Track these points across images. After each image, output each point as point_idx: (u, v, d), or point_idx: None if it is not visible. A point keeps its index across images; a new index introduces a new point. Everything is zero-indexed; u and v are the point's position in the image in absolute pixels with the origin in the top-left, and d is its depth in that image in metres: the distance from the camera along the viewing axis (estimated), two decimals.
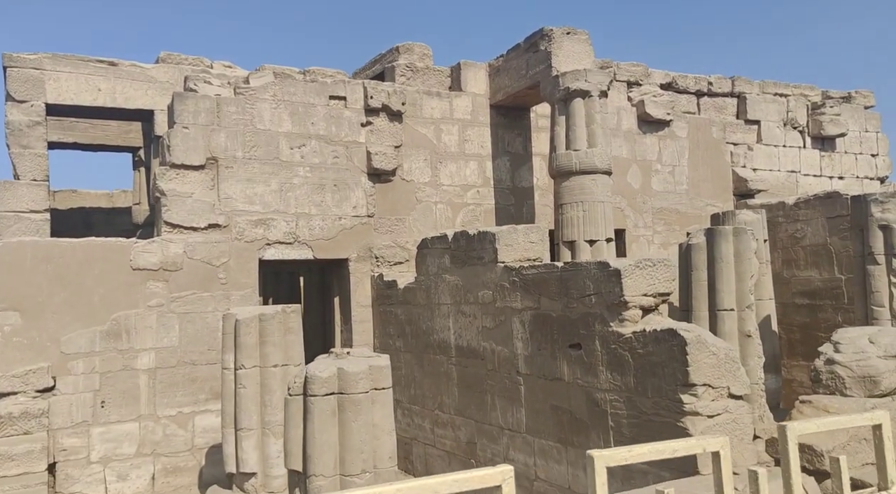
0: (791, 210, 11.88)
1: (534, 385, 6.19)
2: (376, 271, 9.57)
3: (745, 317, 6.76)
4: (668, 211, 12.25)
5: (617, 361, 5.22)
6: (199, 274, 8.44)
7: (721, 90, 13.36)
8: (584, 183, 8.91)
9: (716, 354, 4.67)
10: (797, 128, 14.10)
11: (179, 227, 8.41)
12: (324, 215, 9.32)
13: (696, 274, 6.98)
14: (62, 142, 11.94)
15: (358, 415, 4.74)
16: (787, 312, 12.02)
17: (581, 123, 8.98)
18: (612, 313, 5.27)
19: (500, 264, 6.65)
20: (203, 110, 8.61)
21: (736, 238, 6.89)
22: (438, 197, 10.27)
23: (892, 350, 4.67)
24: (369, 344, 9.53)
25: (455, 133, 10.46)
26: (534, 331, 6.17)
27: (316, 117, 9.36)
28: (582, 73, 8.96)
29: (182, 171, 8.47)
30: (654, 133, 12.20)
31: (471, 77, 10.66)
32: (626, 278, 5.14)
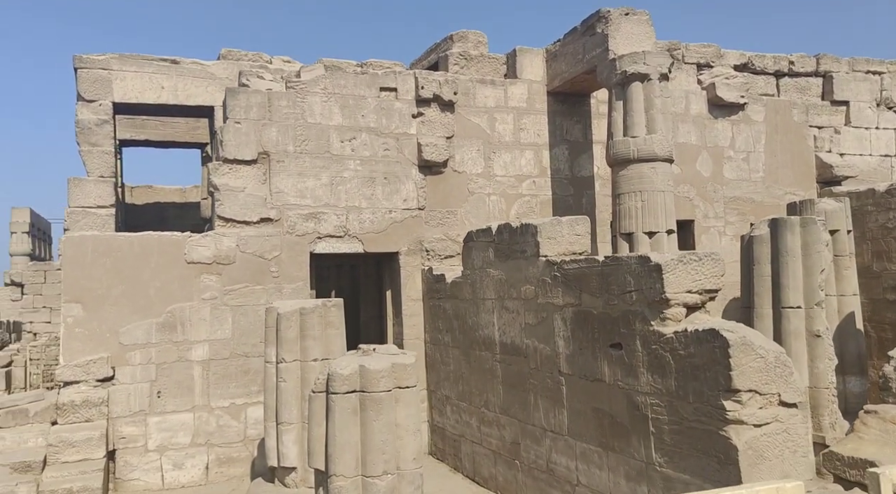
0: (882, 197, 10.89)
1: (575, 385, 5.88)
2: (427, 264, 9.44)
3: (814, 315, 6.17)
4: (742, 200, 11.49)
5: (658, 363, 4.85)
6: (251, 267, 8.56)
7: (804, 69, 12.40)
8: (643, 171, 8.43)
9: (764, 357, 4.24)
10: (892, 108, 12.92)
11: (232, 221, 8.55)
12: (374, 208, 9.25)
13: (758, 268, 6.44)
14: (134, 139, 12.44)
15: (379, 414, 4.61)
16: (878, 309, 11.05)
17: (639, 108, 8.50)
18: (654, 311, 4.90)
19: (542, 258, 6.36)
20: (255, 105, 8.70)
21: (803, 229, 6.31)
22: (492, 188, 10.01)
23: None
24: (420, 338, 9.42)
25: (510, 122, 10.16)
26: (575, 329, 5.85)
27: (366, 109, 9.29)
28: (640, 55, 8.47)
29: (234, 166, 8.59)
30: (726, 117, 11.46)
31: (527, 64, 10.32)
32: (667, 274, 4.76)
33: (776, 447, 4.19)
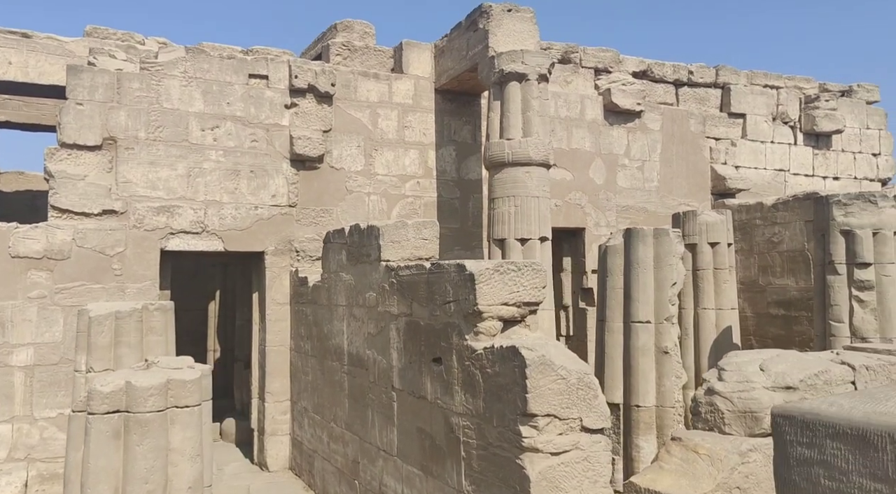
0: (769, 212, 10.90)
1: (405, 402, 5.40)
2: (296, 266, 8.85)
3: (663, 331, 5.88)
4: (635, 209, 11.33)
5: (470, 381, 4.41)
6: (89, 264, 7.79)
7: (703, 80, 12.37)
8: (518, 175, 8.07)
9: (565, 379, 3.84)
10: (788, 123, 13.05)
11: (69, 213, 7.76)
12: (237, 203, 8.61)
13: (611, 279, 6.12)
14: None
15: (144, 438, 4.01)
16: (762, 323, 11.05)
17: (516, 110, 8.13)
18: (469, 324, 4.46)
19: (383, 263, 5.87)
20: (101, 85, 7.94)
21: (656, 240, 6.02)
22: (372, 187, 9.50)
23: (782, 380, 3.81)
24: (285, 345, 8.82)
25: (394, 118, 9.67)
26: (406, 341, 5.39)
27: (232, 97, 8.64)
28: (518, 54, 8.11)
29: (74, 152, 7.81)
30: (622, 124, 11.27)
31: (414, 58, 9.85)
32: (480, 284, 4.33)
33: (575, 477, 3.80)
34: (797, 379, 3.83)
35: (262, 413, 8.83)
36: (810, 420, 1.76)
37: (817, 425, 1.73)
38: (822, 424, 1.72)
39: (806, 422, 1.77)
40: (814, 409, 1.78)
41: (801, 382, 3.84)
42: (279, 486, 7.98)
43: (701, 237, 9.08)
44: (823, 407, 1.77)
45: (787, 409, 1.85)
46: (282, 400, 8.74)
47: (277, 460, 8.69)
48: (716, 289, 9.04)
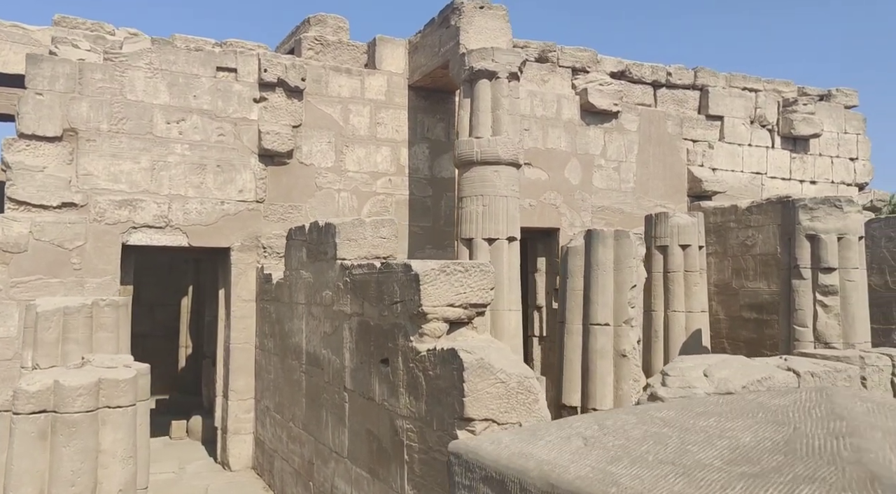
0: (743, 215, 10.87)
1: (355, 403, 5.31)
2: (262, 263, 8.73)
3: (622, 334, 5.81)
4: (611, 210, 11.27)
5: (413, 383, 4.32)
6: (47, 257, 7.64)
7: (681, 82, 12.32)
8: (486, 174, 7.98)
9: (504, 382, 3.76)
10: (766, 126, 13.03)
11: (27, 205, 7.61)
12: (203, 198, 8.47)
13: (571, 281, 6.05)
14: None
15: (71, 439, 3.89)
16: (735, 326, 11.02)
17: (486, 108, 8.04)
18: (414, 325, 4.37)
19: (338, 261, 5.77)
20: (62, 75, 7.78)
21: (616, 242, 5.95)
22: (343, 184, 9.38)
23: (725, 386, 3.74)
24: (251, 342, 8.70)
25: (366, 115, 9.56)
26: (358, 341, 5.29)
27: (199, 90, 8.50)
28: (489, 51, 8.02)
29: (34, 143, 7.65)
30: (599, 125, 11.21)
31: (387, 54, 9.74)
32: (425, 285, 4.24)
33: None
34: (739, 386, 3.77)
35: (226, 411, 8.71)
36: (470, 460, 1.55)
37: (475, 466, 1.53)
38: (479, 465, 1.52)
39: (467, 462, 1.56)
40: (474, 448, 1.58)
41: (743, 388, 3.77)
42: (239, 486, 7.86)
43: (672, 239, 9.04)
44: (485, 445, 1.57)
45: (457, 446, 1.64)
46: (246, 398, 8.62)
47: (240, 459, 8.57)
48: (686, 292, 9.01)
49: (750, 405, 1.45)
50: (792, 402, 1.40)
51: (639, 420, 1.50)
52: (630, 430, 1.44)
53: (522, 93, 10.52)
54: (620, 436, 1.42)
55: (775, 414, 1.34)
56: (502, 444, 1.56)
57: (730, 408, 1.46)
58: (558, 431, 1.54)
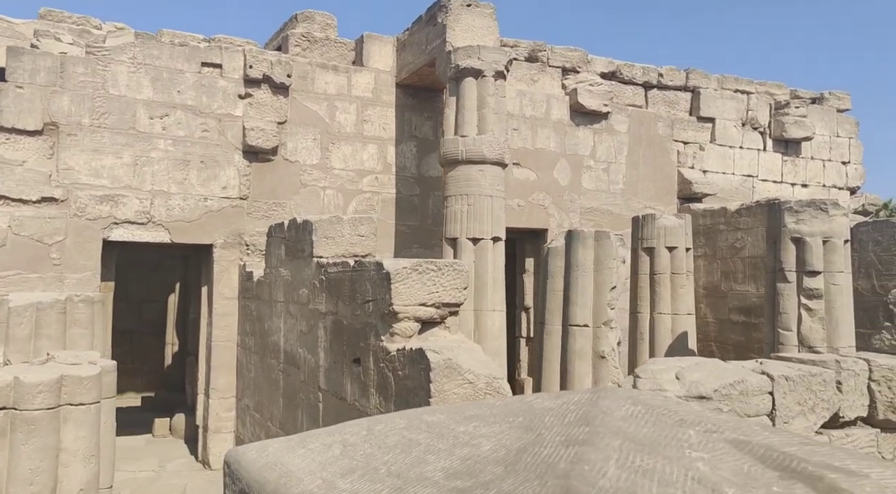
0: (732, 217, 10.82)
1: (329, 403, 5.24)
2: (245, 260, 8.65)
3: (601, 335, 5.75)
4: (600, 211, 11.21)
5: (384, 383, 4.25)
6: (26, 252, 7.56)
7: (673, 83, 12.27)
8: (471, 173, 7.91)
9: (473, 383, 3.69)
10: (757, 128, 12.98)
11: (5, 199, 7.52)
12: (185, 194, 8.39)
13: (551, 282, 5.99)
14: None
15: (30, 437, 3.82)
16: (723, 329, 10.98)
17: (471, 106, 7.98)
18: (385, 325, 4.30)
19: (315, 259, 5.70)
20: (43, 69, 7.70)
21: (597, 242, 5.89)
22: (328, 181, 9.31)
23: (696, 389, 3.68)
24: (233, 340, 8.62)
25: (353, 112, 9.48)
26: (332, 340, 5.22)
27: (184, 85, 8.42)
28: (475, 49, 7.95)
29: (13, 136, 7.57)
30: (588, 125, 11.15)
31: (375, 51, 9.67)
32: (396, 284, 4.17)
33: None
34: (711, 389, 3.71)
35: (207, 409, 8.63)
36: (234, 470, 1.43)
37: (237, 477, 1.41)
38: (238, 476, 1.40)
39: (232, 473, 1.44)
40: (239, 456, 1.45)
41: (715, 392, 3.71)
42: (218, 485, 7.78)
43: (659, 241, 8.98)
44: (250, 452, 1.44)
45: (229, 454, 1.50)
46: (227, 396, 8.55)
47: (220, 458, 8.48)
48: (672, 294, 8.95)
49: (518, 408, 1.37)
50: (559, 405, 1.33)
51: (406, 424, 1.41)
52: (389, 437, 1.36)
53: (511, 93, 10.46)
54: (376, 444, 1.34)
55: (532, 419, 1.27)
56: (267, 452, 1.44)
57: (496, 412, 1.38)
58: (327, 437, 1.45)
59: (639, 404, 1.27)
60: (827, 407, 4.05)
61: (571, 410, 1.25)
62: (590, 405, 1.27)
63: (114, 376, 4.32)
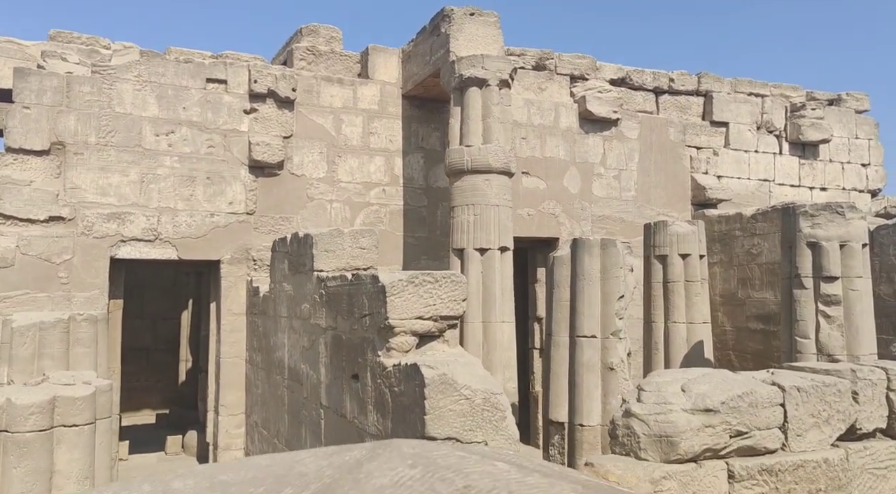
0: (748, 223, 10.59)
1: (330, 420, 5.14)
2: (252, 275, 8.62)
3: (609, 346, 5.59)
4: (612, 219, 11.04)
5: (381, 399, 4.15)
6: (34, 271, 7.58)
7: (684, 88, 12.10)
8: (477, 183, 7.82)
9: (469, 399, 3.57)
10: (773, 132, 12.75)
11: (14, 219, 7.56)
12: (192, 211, 8.39)
13: (557, 292, 5.85)
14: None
15: (22, 460, 3.76)
16: (741, 337, 10.72)
17: (476, 116, 7.90)
18: (382, 339, 4.21)
19: (315, 273, 5.63)
20: (49, 89, 7.75)
21: (603, 251, 5.75)
22: (335, 195, 9.26)
23: (703, 402, 3.52)
24: (241, 356, 8.57)
25: (359, 124, 9.45)
26: (333, 356, 5.13)
27: (189, 101, 8.44)
28: (479, 58, 7.88)
29: (21, 157, 7.62)
30: (598, 133, 11.01)
31: (380, 63, 9.64)
32: (392, 297, 4.07)
33: None
34: (718, 401, 3.55)
35: (217, 426, 8.58)
36: None
37: None
38: None
39: None
40: None
41: (722, 404, 3.55)
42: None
43: (671, 248, 8.80)
44: None
45: None
46: (236, 413, 8.49)
47: None
48: (687, 302, 8.75)
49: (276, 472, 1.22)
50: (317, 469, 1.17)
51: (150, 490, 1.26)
52: None
53: (519, 102, 10.37)
54: None
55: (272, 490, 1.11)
56: None
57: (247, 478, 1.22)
58: None
59: (418, 465, 1.11)
60: (843, 418, 3.87)
61: (325, 476, 1.12)
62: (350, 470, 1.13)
63: (109, 396, 4.27)
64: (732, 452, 3.63)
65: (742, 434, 3.62)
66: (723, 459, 3.61)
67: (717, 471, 3.56)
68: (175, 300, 14.72)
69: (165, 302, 14.82)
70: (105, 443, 4.18)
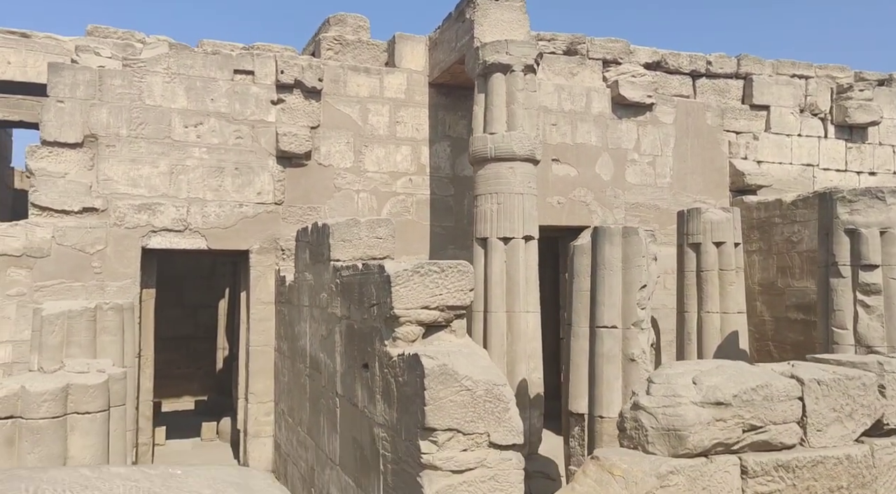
0: (788, 209, 10.21)
1: (345, 409, 5.15)
2: (281, 265, 8.70)
3: (630, 337, 5.45)
4: (646, 207, 10.78)
5: (387, 389, 4.12)
6: (69, 261, 7.80)
7: (723, 71, 11.70)
8: (501, 171, 7.71)
9: (471, 390, 3.51)
10: (818, 114, 12.23)
11: (49, 210, 7.79)
12: (221, 201, 8.51)
13: (577, 282, 5.72)
14: (7, 120, 11.65)
15: (36, 446, 3.87)
16: (780, 328, 10.36)
17: (500, 103, 7.77)
18: (388, 329, 4.17)
19: (332, 263, 5.63)
20: (82, 83, 7.94)
21: (625, 239, 5.59)
22: (362, 184, 9.27)
23: (713, 395, 3.38)
24: (270, 345, 8.68)
25: (385, 114, 9.42)
26: (346, 345, 5.13)
27: (217, 93, 8.54)
28: (503, 44, 7.74)
29: (56, 149, 7.83)
30: (631, 118, 10.74)
31: (407, 52, 9.58)
32: (397, 286, 4.03)
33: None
34: (730, 394, 3.40)
35: (246, 413, 8.72)
36: None
37: None
38: None
39: None
40: None
41: (734, 397, 3.41)
42: None
43: (705, 236, 8.54)
44: None
45: None
46: (265, 401, 8.61)
47: (260, 462, 8.55)
48: (721, 292, 8.50)
49: None
50: None
51: None
52: None
53: (549, 88, 10.19)
54: None
55: None
56: None
57: None
58: None
59: None
60: (867, 412, 3.67)
61: None
62: None
63: (124, 384, 4.35)
64: (746, 447, 3.49)
65: (756, 429, 3.47)
66: (735, 454, 3.47)
67: (729, 466, 3.42)
68: (213, 289, 15.02)
69: (204, 292, 15.15)
70: (119, 430, 4.27)
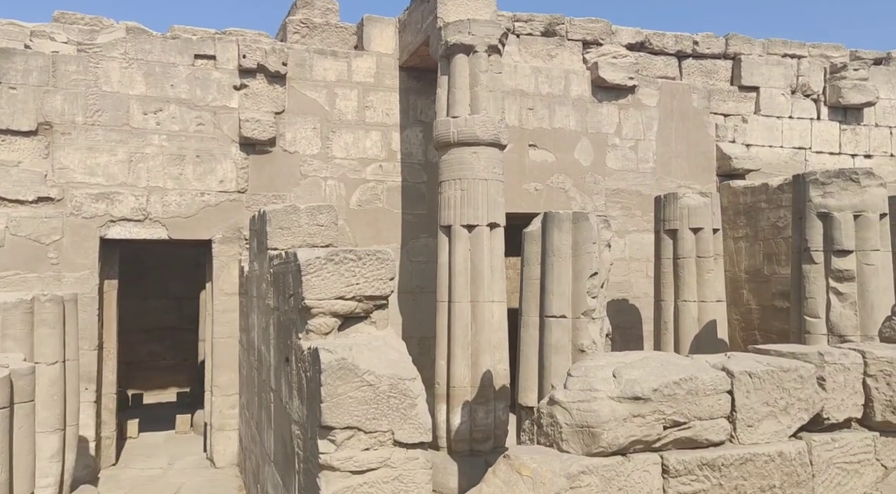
0: (774, 194, 9.86)
1: (276, 404, 4.93)
2: (244, 254, 8.49)
3: (580, 327, 5.18)
4: (627, 193, 10.47)
5: (300, 384, 3.89)
6: (24, 252, 7.63)
7: (710, 51, 11.32)
8: (464, 156, 7.43)
9: (373, 386, 3.27)
10: (810, 95, 11.84)
11: (3, 200, 7.62)
12: (182, 190, 8.30)
13: (527, 269, 5.46)
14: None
15: None
16: (766, 316, 10.04)
17: (463, 85, 7.49)
18: (303, 321, 3.94)
19: (269, 252, 5.40)
20: (35, 69, 7.74)
21: (574, 225, 5.31)
22: (329, 171, 9.03)
23: (631, 389, 3.11)
24: (234, 336, 8.49)
25: (353, 98, 9.15)
26: (276, 337, 4.90)
27: (177, 79, 8.31)
28: (465, 23, 7.45)
29: (8, 137, 7.65)
30: (612, 101, 10.41)
31: (376, 34, 9.29)
32: (308, 276, 3.79)
33: None
34: (649, 388, 3.14)
35: (212, 406, 8.55)
36: None
37: None
38: None
39: None
40: None
41: (654, 392, 3.14)
42: (215, 484, 7.66)
43: (682, 222, 8.27)
44: None
45: None
46: (230, 393, 8.43)
47: (225, 456, 8.39)
48: (698, 280, 8.24)
49: None
50: None
51: None
52: None
53: (526, 70, 9.88)
54: None
55: None
56: None
57: None
58: None
59: None
60: (804, 407, 3.40)
61: None
62: None
63: (30, 379, 4.16)
64: (669, 444, 3.23)
65: (679, 425, 3.21)
66: (657, 452, 3.21)
67: (649, 465, 3.17)
68: (198, 280, 14.87)
69: (188, 283, 15.00)
70: (25, 428, 4.07)
